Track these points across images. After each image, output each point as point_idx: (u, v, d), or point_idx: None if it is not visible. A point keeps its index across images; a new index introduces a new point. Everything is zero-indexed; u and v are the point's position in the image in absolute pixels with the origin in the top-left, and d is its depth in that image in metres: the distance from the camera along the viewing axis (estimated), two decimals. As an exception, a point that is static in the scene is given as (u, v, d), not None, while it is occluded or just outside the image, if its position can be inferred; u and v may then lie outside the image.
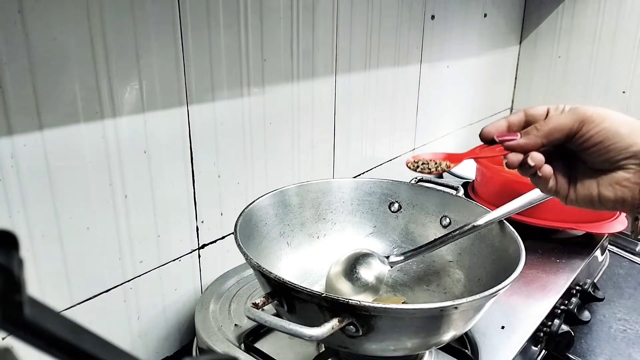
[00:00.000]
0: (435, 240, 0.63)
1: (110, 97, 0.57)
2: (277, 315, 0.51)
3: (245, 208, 0.60)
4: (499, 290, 0.47)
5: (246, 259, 0.50)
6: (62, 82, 0.52)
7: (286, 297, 0.48)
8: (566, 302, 0.75)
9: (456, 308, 0.46)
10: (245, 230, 0.58)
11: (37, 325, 0.17)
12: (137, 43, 0.58)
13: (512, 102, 1.64)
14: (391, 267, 0.62)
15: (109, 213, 0.60)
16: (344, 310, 0.44)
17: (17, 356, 0.20)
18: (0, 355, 0.19)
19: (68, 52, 0.52)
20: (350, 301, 0.44)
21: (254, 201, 0.62)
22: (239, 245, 0.52)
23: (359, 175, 1.03)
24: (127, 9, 0.56)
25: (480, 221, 0.60)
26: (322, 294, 0.45)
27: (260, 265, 0.48)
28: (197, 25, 0.63)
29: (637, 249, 1.00)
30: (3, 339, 0.52)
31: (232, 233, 0.58)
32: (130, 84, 0.58)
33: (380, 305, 0.45)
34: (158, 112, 0.62)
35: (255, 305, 0.45)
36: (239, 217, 0.58)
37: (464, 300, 0.45)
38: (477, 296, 0.46)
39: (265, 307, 0.46)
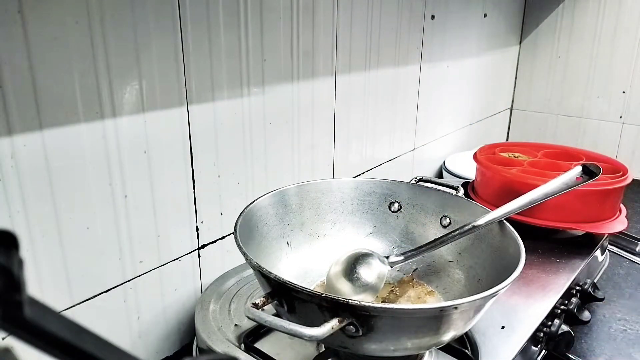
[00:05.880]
0: (435, 240, 0.63)
1: (110, 97, 0.57)
2: (277, 315, 0.51)
3: (245, 208, 0.60)
4: (499, 290, 0.46)
5: (246, 259, 0.50)
6: (62, 82, 0.52)
7: (286, 297, 0.48)
8: (566, 302, 0.75)
9: (456, 308, 0.46)
10: (245, 230, 0.58)
11: (37, 325, 0.17)
12: (137, 43, 0.58)
13: (512, 102, 1.64)
14: (391, 267, 0.62)
15: (109, 213, 0.60)
16: (344, 310, 0.44)
17: (17, 356, 0.20)
18: (0, 355, 0.19)
19: (68, 52, 0.52)
20: (350, 301, 0.44)
21: (254, 201, 0.62)
22: (238, 245, 0.52)
23: (359, 175, 1.03)
24: (127, 8, 0.56)
25: (480, 221, 0.60)
26: (322, 294, 0.45)
27: (260, 266, 0.48)
28: (197, 25, 0.63)
29: (637, 249, 1.00)
30: (3, 339, 0.52)
31: (232, 233, 0.58)
32: (130, 84, 0.58)
33: (380, 305, 0.44)
34: (158, 112, 0.62)
35: (255, 305, 0.45)
36: (239, 217, 0.58)
37: (464, 300, 0.45)
38: (477, 296, 0.46)
39: (265, 307, 0.46)
